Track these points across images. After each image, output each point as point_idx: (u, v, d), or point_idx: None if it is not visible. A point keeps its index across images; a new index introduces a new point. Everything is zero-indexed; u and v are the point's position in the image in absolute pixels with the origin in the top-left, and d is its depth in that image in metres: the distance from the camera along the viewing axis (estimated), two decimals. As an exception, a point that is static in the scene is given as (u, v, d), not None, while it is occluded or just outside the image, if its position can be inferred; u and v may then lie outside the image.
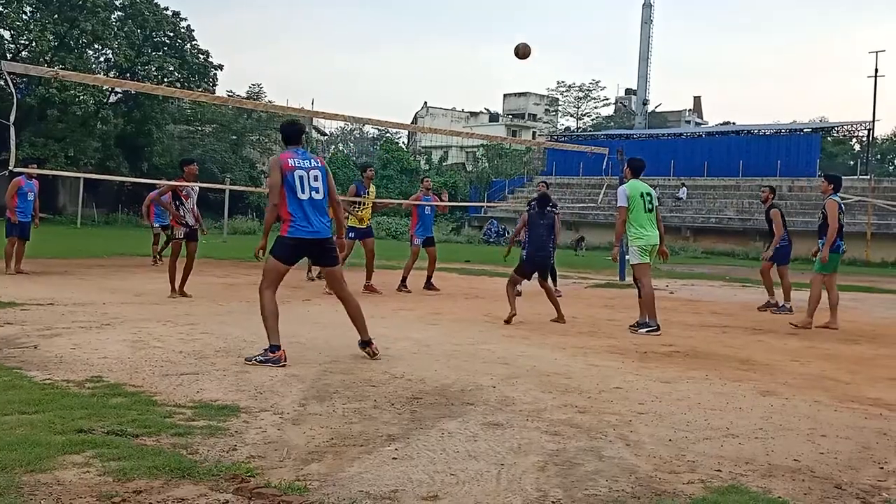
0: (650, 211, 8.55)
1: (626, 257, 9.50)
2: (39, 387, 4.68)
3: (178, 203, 10.22)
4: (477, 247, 33.47)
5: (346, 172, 48.46)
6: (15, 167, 8.78)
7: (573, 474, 3.44)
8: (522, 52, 10.64)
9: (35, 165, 13.51)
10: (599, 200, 20.19)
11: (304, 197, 5.92)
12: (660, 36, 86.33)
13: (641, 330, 8.21)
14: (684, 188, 39.23)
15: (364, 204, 11.78)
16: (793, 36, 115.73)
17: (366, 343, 6.12)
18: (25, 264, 12.37)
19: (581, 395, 5.06)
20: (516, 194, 43.35)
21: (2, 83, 28.86)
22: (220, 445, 3.66)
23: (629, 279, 15.27)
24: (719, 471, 3.57)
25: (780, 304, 11.08)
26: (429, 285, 12.27)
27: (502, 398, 4.89)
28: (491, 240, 37.32)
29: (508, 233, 35.85)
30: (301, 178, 5.93)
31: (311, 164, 6.04)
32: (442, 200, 13.06)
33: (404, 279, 12.06)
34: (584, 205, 35.90)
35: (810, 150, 39.29)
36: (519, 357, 6.44)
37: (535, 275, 9.29)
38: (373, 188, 12.22)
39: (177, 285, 10.05)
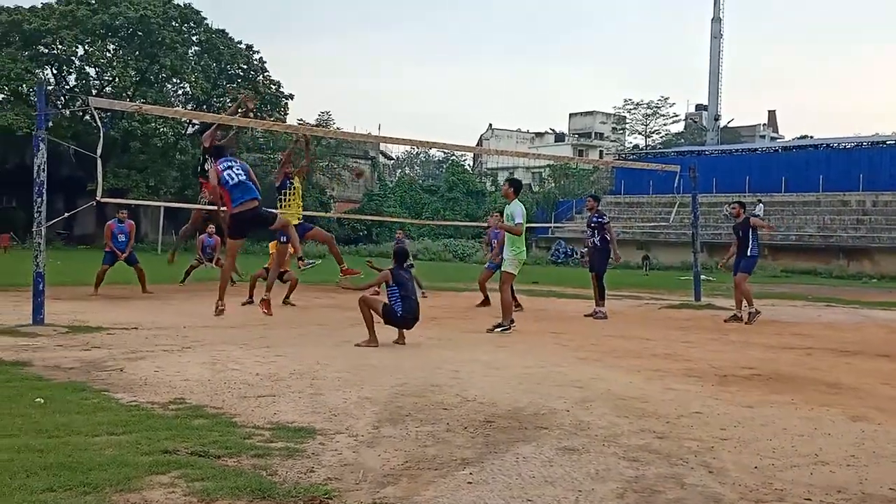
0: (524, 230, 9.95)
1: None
2: (126, 408, 4.84)
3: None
4: (545, 268, 33.24)
5: (413, 196, 48.98)
6: (102, 198, 9.16)
7: (654, 502, 3.35)
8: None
9: (125, 213, 14.62)
10: (672, 219, 19.84)
11: None
12: (730, 49, 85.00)
13: (497, 329, 9.39)
14: (761, 205, 38.18)
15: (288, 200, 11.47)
16: (871, 46, 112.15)
17: None
18: (111, 289, 13.16)
19: (659, 420, 4.94)
20: (584, 214, 42.93)
21: (88, 118, 30.31)
22: (298, 467, 3.71)
23: (705, 299, 15.01)
24: (809, 500, 3.43)
25: (751, 312, 11.38)
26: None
27: (577, 422, 4.81)
28: (559, 260, 37.02)
29: (577, 253, 35.53)
30: None
31: None
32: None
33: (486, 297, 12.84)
34: (655, 223, 35.29)
35: (893, 163, 37.80)
36: (592, 380, 6.34)
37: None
38: (297, 182, 11.80)
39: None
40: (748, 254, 11.68)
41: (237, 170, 8.42)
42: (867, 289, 23.30)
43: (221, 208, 8.64)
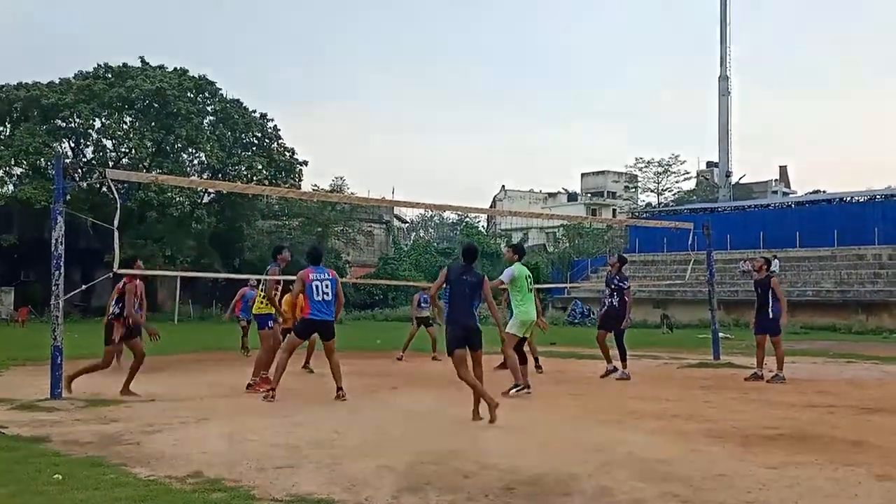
0: (530, 291, 9.88)
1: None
2: (144, 483, 4.81)
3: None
4: (562, 328, 33.01)
5: (428, 259, 49.17)
6: (119, 269, 9.27)
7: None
8: None
9: (140, 263, 14.19)
10: (687, 276, 19.75)
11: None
12: (739, 106, 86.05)
13: (513, 390, 9.23)
14: (776, 260, 37.89)
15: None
16: (880, 102, 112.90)
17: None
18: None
19: (683, 484, 4.86)
20: (599, 273, 42.84)
21: (105, 190, 30.84)
22: (318, 541, 3.66)
23: (725, 358, 14.84)
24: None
25: (776, 374, 11.14)
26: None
27: (599, 488, 4.74)
28: (576, 321, 36.77)
29: (594, 313, 35.31)
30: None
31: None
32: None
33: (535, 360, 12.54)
34: (671, 282, 35.13)
35: (907, 215, 37.62)
36: (613, 443, 6.26)
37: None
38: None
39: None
40: (770, 315, 11.34)
41: (327, 286, 8.86)
42: (887, 344, 22.96)
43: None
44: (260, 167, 39.47)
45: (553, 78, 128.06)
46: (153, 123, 36.44)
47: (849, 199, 43.09)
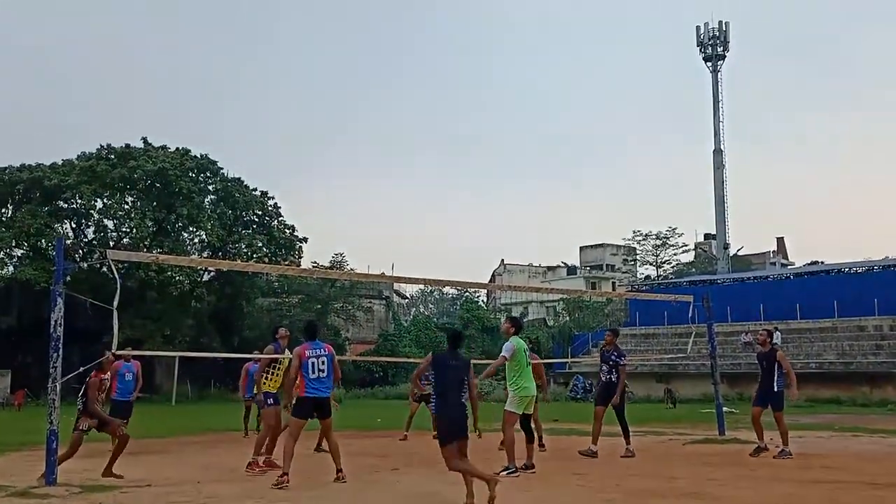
0: (528, 365, 9.65)
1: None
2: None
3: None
4: (564, 404, 32.61)
5: (428, 334, 48.98)
6: (117, 350, 9.23)
7: None
8: None
9: (131, 348, 14.03)
10: (689, 350, 19.64)
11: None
12: (735, 178, 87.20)
13: (503, 472, 8.83)
14: (778, 332, 37.72)
15: (280, 366, 10.62)
16: (875, 174, 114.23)
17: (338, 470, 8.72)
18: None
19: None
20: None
21: (105, 269, 30.92)
22: None
23: (730, 433, 14.63)
24: None
25: (782, 449, 10.97)
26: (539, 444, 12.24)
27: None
28: (578, 396, 36.36)
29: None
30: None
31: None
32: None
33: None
34: (673, 355, 34.91)
35: (907, 285, 37.65)
36: (619, 525, 6.12)
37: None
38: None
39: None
40: (774, 389, 11.20)
41: (323, 363, 8.78)
42: (893, 416, 22.68)
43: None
44: (260, 245, 39.71)
45: (549, 153, 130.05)
46: (154, 203, 36.80)
47: (847, 269, 43.23)
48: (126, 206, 37.03)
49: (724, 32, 63.00)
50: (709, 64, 63.08)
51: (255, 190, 41.15)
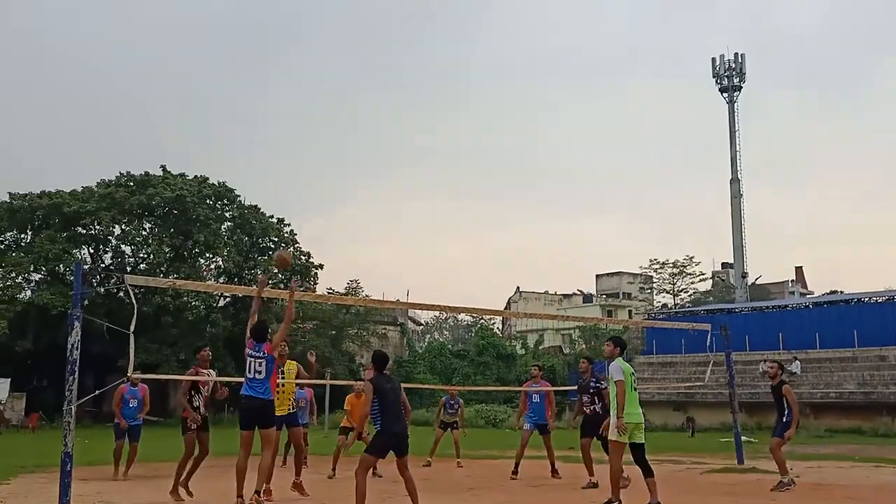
0: (635, 390, 8.77)
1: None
2: None
3: (193, 393, 10.38)
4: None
5: (443, 361, 48.74)
6: (132, 374, 9.23)
7: None
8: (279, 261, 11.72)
9: (139, 371, 14.16)
10: (707, 378, 19.41)
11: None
12: (752, 206, 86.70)
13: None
14: (797, 362, 37.31)
15: (279, 386, 10.43)
16: (894, 202, 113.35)
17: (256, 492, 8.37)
18: (137, 468, 12.67)
19: None
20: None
21: (122, 294, 31.12)
22: None
23: (749, 462, 14.38)
24: None
25: (780, 480, 10.77)
26: (553, 472, 12.42)
27: None
28: (594, 424, 36.00)
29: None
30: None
31: None
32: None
33: (516, 465, 12.34)
34: (691, 384, 34.55)
35: (929, 315, 37.13)
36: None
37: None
38: (293, 365, 11.20)
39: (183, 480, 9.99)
40: (784, 419, 11.09)
41: (259, 364, 8.76)
42: (916, 447, 22.24)
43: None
44: (276, 271, 39.80)
45: (565, 182, 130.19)
46: (172, 229, 37.08)
47: (867, 299, 42.74)
48: (144, 233, 37.34)
49: (739, 64, 63.19)
50: (725, 95, 63.22)
51: (272, 217, 41.38)
